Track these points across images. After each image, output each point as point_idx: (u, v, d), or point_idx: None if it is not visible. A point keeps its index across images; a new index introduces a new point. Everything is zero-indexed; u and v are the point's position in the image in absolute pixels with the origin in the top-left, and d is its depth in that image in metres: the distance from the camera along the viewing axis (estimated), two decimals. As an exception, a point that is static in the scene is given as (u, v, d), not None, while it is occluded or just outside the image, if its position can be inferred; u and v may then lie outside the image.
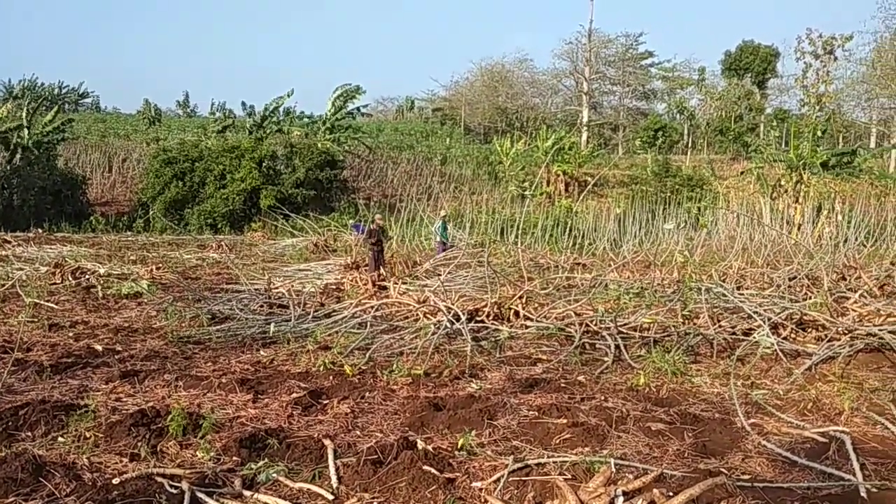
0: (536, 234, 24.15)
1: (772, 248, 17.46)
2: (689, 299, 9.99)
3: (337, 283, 13.48)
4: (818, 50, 31.62)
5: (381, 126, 46.29)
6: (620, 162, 41.08)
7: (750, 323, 9.04)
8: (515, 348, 8.80)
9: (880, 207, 24.13)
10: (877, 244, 20.21)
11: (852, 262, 15.04)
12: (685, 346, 8.33)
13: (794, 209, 26.15)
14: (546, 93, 55.40)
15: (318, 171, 30.06)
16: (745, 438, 5.51)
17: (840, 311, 9.51)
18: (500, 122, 52.55)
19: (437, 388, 6.85)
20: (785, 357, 7.94)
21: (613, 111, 53.66)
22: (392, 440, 5.16)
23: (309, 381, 7.05)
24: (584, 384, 7.12)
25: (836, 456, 5.11)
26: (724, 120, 42.72)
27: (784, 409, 6.30)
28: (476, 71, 55.49)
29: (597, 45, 48.19)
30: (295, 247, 21.39)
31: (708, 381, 7.29)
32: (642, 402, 6.50)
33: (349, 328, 9.46)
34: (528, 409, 6.13)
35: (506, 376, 7.37)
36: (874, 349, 8.39)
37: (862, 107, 39.75)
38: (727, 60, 49.09)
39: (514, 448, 5.18)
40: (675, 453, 5.17)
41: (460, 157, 38.50)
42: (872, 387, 7.01)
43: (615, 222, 25.82)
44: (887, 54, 33.51)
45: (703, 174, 35.01)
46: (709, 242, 21.34)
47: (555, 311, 10.16)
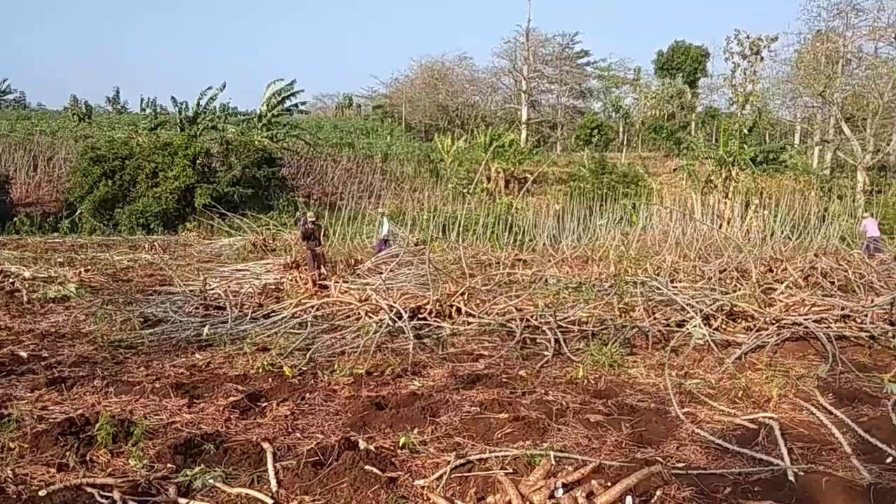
0: (478, 232, 24.30)
1: (703, 242, 18.07)
2: (626, 293, 10.23)
3: (276, 282, 13.23)
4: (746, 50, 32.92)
5: (320, 123, 45.64)
6: (559, 159, 41.74)
7: (683, 315, 9.31)
8: (458, 345, 8.83)
9: (804, 202, 25.27)
10: (801, 237, 21.17)
11: (779, 254, 15.73)
12: (622, 339, 8.52)
13: (723, 204, 27.14)
14: (486, 91, 55.80)
15: (256, 169, 29.46)
16: (679, 427, 5.67)
17: (767, 301, 9.91)
18: (441, 119, 52.63)
19: (380, 387, 6.81)
20: (716, 347, 8.23)
21: (552, 109, 54.48)
22: (333, 441, 5.10)
23: (247, 383, 6.90)
24: (526, 378, 7.20)
25: (765, 442, 5.32)
26: (658, 118, 43.94)
27: (716, 397, 6.52)
28: (416, 68, 55.50)
29: (534, 44, 48.80)
30: (232, 246, 20.91)
31: (644, 372, 7.48)
32: (581, 394, 6.62)
33: (289, 329, 9.31)
34: (471, 405, 6.16)
35: (448, 373, 7.39)
36: (800, 338, 8.78)
37: (787, 105, 41.51)
38: (660, 60, 50.48)
39: (457, 444, 5.20)
40: (613, 444, 5.28)
41: (401, 154, 38.38)
42: (798, 374, 7.32)
43: (554, 218, 26.22)
44: (809, 55, 35.08)
45: (638, 171, 35.93)
46: (644, 237, 21.91)
47: (496, 306, 10.25)
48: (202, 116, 32.55)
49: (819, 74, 33.98)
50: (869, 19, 33.38)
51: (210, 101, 32.80)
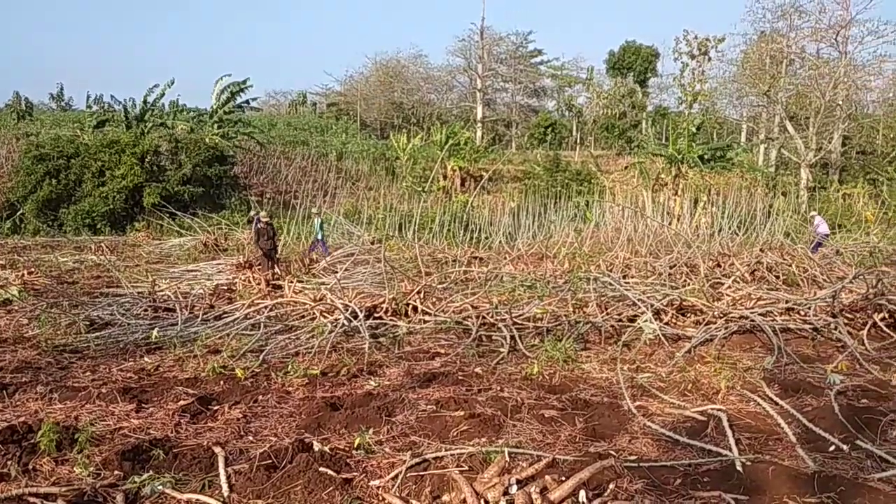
0: (434, 230, 24.30)
1: (654, 239, 18.40)
2: (579, 289, 10.36)
3: (228, 283, 12.98)
4: (694, 51, 33.69)
5: (273, 121, 44.90)
6: (514, 157, 41.99)
7: (635, 310, 9.48)
8: (414, 343, 8.81)
9: (750, 198, 25.96)
10: (748, 233, 21.75)
11: (726, 250, 16.14)
12: (576, 335, 8.63)
13: (673, 201, 27.72)
14: (441, 89, 55.76)
15: (207, 167, 28.86)
16: (631, 420, 5.77)
17: (716, 296, 10.17)
18: (396, 117, 52.42)
19: (335, 388, 6.75)
20: (667, 341, 8.40)
21: (506, 108, 54.76)
22: (287, 443, 5.03)
23: (198, 386, 6.76)
24: (482, 376, 7.23)
25: (714, 433, 5.45)
26: (610, 117, 44.62)
27: (667, 390, 6.66)
28: (371, 66, 55.10)
29: (489, 42, 48.96)
30: (182, 247, 20.44)
31: (597, 366, 7.58)
32: (536, 390, 6.67)
33: (241, 330, 9.15)
34: (427, 404, 6.15)
35: (404, 372, 7.37)
36: (747, 331, 9.03)
37: (733, 104, 42.59)
38: (611, 60, 51.23)
39: (413, 443, 5.18)
40: (567, 438, 5.34)
41: (357, 152, 38.04)
42: (745, 366, 7.52)
43: (510, 216, 26.39)
44: (755, 55, 36.08)
45: (591, 169, 36.41)
46: (597, 234, 22.22)
47: (452, 304, 10.26)
48: (150, 114, 31.69)
49: (764, 74, 34.98)
50: (811, 21, 34.53)
51: (158, 98, 31.98)
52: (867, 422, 5.56)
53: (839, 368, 7.18)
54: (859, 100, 37.30)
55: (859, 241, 20.28)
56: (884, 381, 6.87)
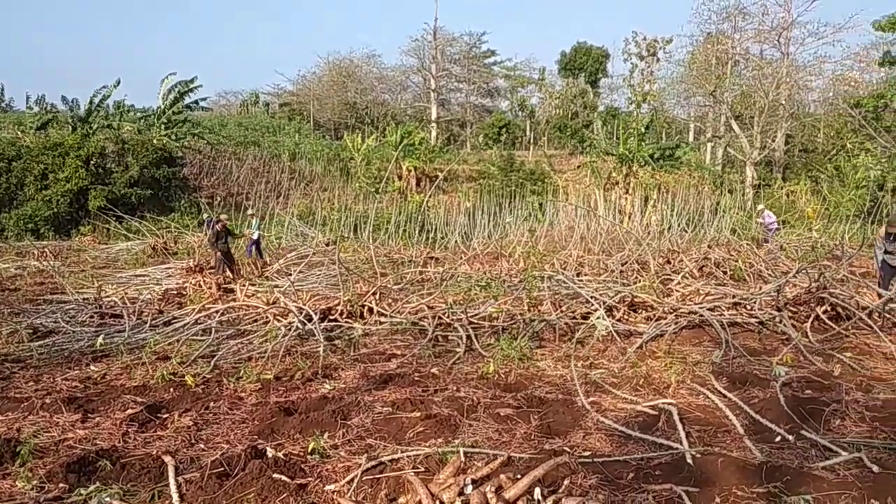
0: (390, 230, 24.22)
1: (606, 237, 18.71)
2: (534, 288, 10.46)
3: (178, 287, 12.69)
4: (643, 52, 34.33)
5: (223, 121, 44.04)
6: (469, 157, 42.14)
7: (588, 307, 9.61)
8: (370, 345, 8.76)
9: (698, 196, 26.64)
10: (696, 230, 22.31)
11: (675, 246, 16.51)
12: (531, 333, 8.71)
13: (624, 200, 28.22)
14: (395, 89, 55.58)
15: (155, 169, 28.17)
16: (585, 416, 5.84)
17: (666, 292, 10.38)
18: (350, 117, 52.01)
19: (289, 392, 6.65)
20: (619, 337, 8.53)
21: (461, 108, 54.91)
22: (240, 450, 4.93)
23: (146, 395, 6.58)
24: (438, 376, 7.22)
25: (665, 427, 5.55)
26: (562, 117, 45.18)
27: (619, 386, 6.76)
28: (324, 66, 54.56)
29: (442, 43, 49.04)
30: (130, 251, 19.91)
31: (552, 364, 7.66)
32: (492, 388, 6.70)
33: (192, 335, 8.94)
34: (383, 406, 6.11)
35: (360, 374, 7.31)
36: (696, 325, 9.24)
37: (681, 104, 43.61)
38: (563, 61, 51.95)
39: (369, 446, 5.15)
40: (523, 436, 5.38)
41: (310, 153, 37.59)
42: (695, 360, 7.70)
43: (465, 216, 26.48)
44: (701, 56, 37.00)
45: (545, 168, 36.80)
46: (551, 233, 22.48)
47: (408, 305, 10.24)
48: (95, 115, 30.77)
49: (710, 75, 35.91)
50: (755, 23, 35.57)
51: (104, 98, 31.06)
52: (811, 412, 5.75)
53: (784, 361, 7.41)
54: (801, 99, 38.59)
55: (802, 237, 20.99)
56: (826, 372, 7.11)
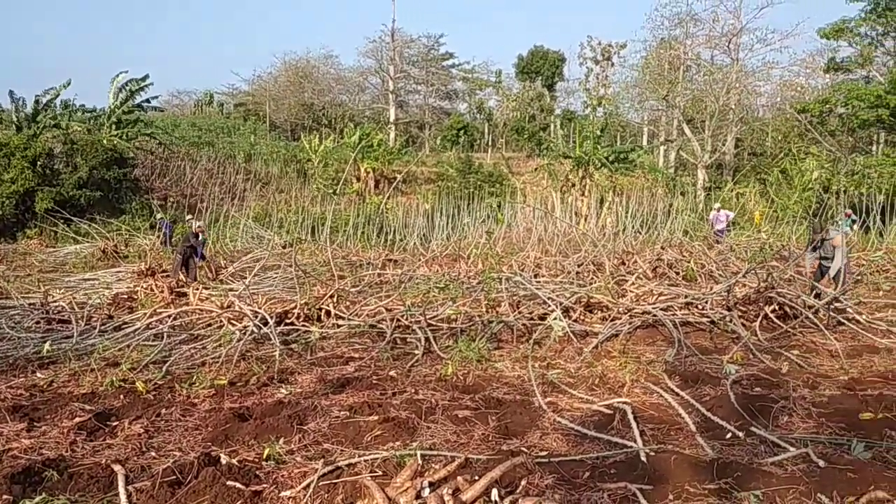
0: (348, 232, 24.05)
1: (563, 238, 18.91)
2: (492, 289, 10.50)
3: (129, 292, 12.36)
4: (598, 56, 34.85)
5: (176, 121, 43.11)
6: (427, 159, 42.18)
7: (545, 308, 9.70)
8: (327, 348, 8.67)
9: (652, 198, 27.14)
10: (650, 231, 22.71)
11: (630, 248, 16.79)
12: (489, 334, 8.74)
13: (581, 202, 28.60)
14: (353, 90, 55.27)
15: (105, 170, 27.42)
16: (542, 417, 5.89)
17: (620, 292, 10.54)
18: (307, 118, 51.52)
19: (244, 398, 6.54)
20: (576, 338, 8.63)
21: (419, 110, 54.94)
22: (192, 458, 4.82)
23: (95, 402, 6.38)
24: (396, 378, 7.19)
25: (620, 425, 5.63)
26: (520, 120, 45.57)
27: (576, 385, 6.84)
28: (280, 66, 53.97)
29: (400, 44, 48.98)
30: (79, 254, 19.33)
31: (510, 365, 7.70)
32: (451, 390, 6.70)
33: (143, 341, 8.71)
34: (340, 410, 6.06)
35: (317, 378, 7.23)
36: (649, 325, 9.41)
37: (635, 108, 44.44)
38: (520, 64, 52.41)
39: (325, 451, 5.09)
40: (481, 437, 5.39)
41: (266, 154, 37.11)
42: (649, 359, 7.82)
43: (424, 218, 26.47)
44: (654, 61, 37.78)
45: (503, 171, 37.06)
46: (509, 235, 22.63)
47: (367, 308, 10.18)
48: (43, 114, 29.80)
49: (663, 80, 36.69)
50: (706, 29, 36.51)
51: (53, 98, 30.11)
52: (760, 409, 5.90)
53: (734, 359, 7.60)
54: (750, 104, 39.67)
55: (751, 238, 21.57)
56: (775, 369, 7.31)
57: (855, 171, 27.14)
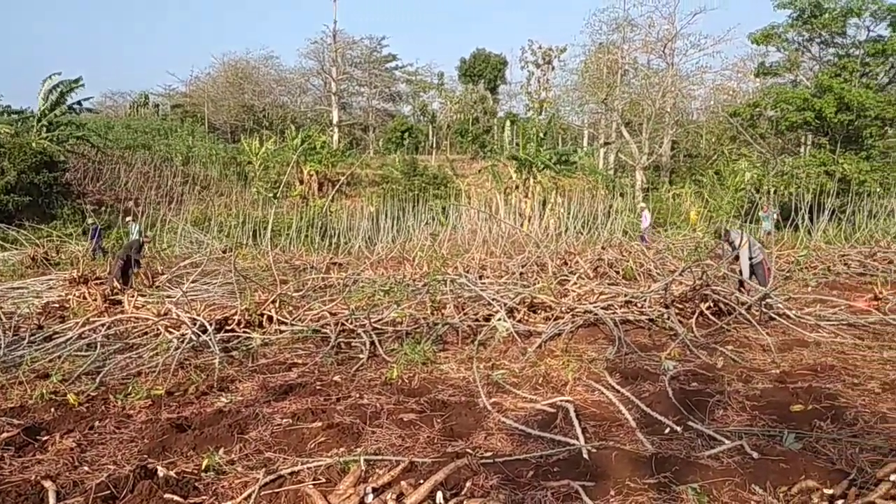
0: (291, 236, 23.71)
1: (507, 240, 19.12)
2: (437, 291, 10.52)
3: (61, 300, 11.89)
4: (539, 60, 35.42)
5: (110, 123, 41.66)
6: (372, 161, 41.99)
7: (490, 309, 9.77)
8: (269, 355, 8.51)
9: (592, 199, 27.68)
10: (591, 232, 23.18)
11: (572, 248, 17.08)
12: (434, 336, 8.74)
13: (524, 203, 28.95)
14: (295, 91, 54.58)
15: (34, 175, 26.33)
16: (487, 417, 5.92)
17: (563, 292, 10.71)
18: (247, 120, 50.57)
19: (182, 408, 6.35)
20: (520, 338, 8.72)
21: (363, 112, 54.63)
22: (128, 471, 4.66)
23: (24, 416, 6.09)
24: (341, 384, 7.11)
25: (563, 423, 5.70)
26: (464, 122, 45.84)
27: (520, 385, 6.90)
28: (219, 66, 52.83)
29: (342, 46, 48.61)
30: (6, 262, 18.46)
31: (455, 367, 7.71)
32: (396, 394, 6.67)
33: (75, 351, 8.37)
34: (283, 417, 5.95)
35: (259, 385, 7.08)
36: (591, 324, 9.58)
37: (575, 111, 45.32)
38: (463, 67, 52.73)
39: (267, 460, 4.99)
40: (426, 440, 5.38)
41: (205, 156, 36.25)
42: (590, 357, 7.95)
43: (369, 220, 26.34)
44: (593, 65, 38.58)
45: (447, 173, 37.20)
46: (454, 236, 22.73)
47: (310, 312, 10.03)
48: (-34, 116, 28.42)
49: (602, 83, 37.53)
50: (642, 34, 37.49)
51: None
52: (697, 403, 6.08)
53: (672, 355, 7.80)
54: (685, 107, 40.99)
55: (687, 237, 22.24)
56: (710, 364, 7.54)
57: (784, 171, 28.28)
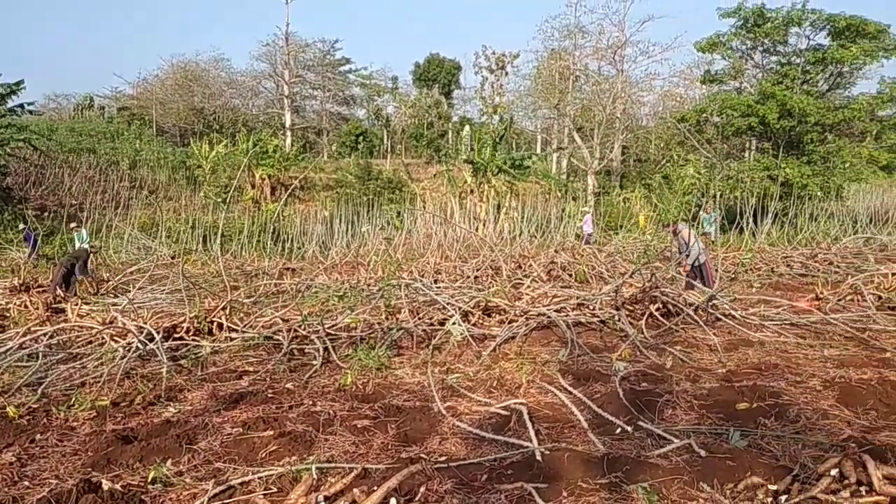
0: (242, 241, 23.31)
1: (462, 244, 19.18)
2: (392, 296, 10.47)
3: (0, 309, 11.43)
4: (492, 65, 35.69)
5: (53, 126, 40.26)
6: (326, 165, 41.62)
7: (445, 313, 9.78)
8: (219, 363, 8.34)
9: (546, 203, 28.03)
10: (544, 235, 23.43)
11: (525, 252, 17.23)
12: (389, 341, 8.70)
13: (479, 207, 29.10)
14: (246, 94, 53.66)
15: (-30, 179, 25.34)
16: (442, 422, 5.91)
17: (517, 295, 10.79)
18: (197, 123, 49.55)
19: (128, 419, 6.18)
20: (474, 341, 8.75)
21: (316, 115, 54.11)
22: (70, 485, 4.51)
23: (-42, 431, 5.84)
24: (293, 391, 7.02)
25: (516, 426, 5.74)
26: (418, 126, 45.85)
27: (474, 389, 6.92)
28: (167, 68, 51.62)
29: (294, 48, 48.06)
30: (-59, 270, 17.67)
31: (410, 371, 7.69)
32: (350, 400, 6.61)
33: (15, 362, 8.06)
34: (233, 426, 5.84)
35: (208, 394, 6.94)
36: (544, 327, 9.67)
37: (529, 116, 45.78)
38: (417, 71, 52.78)
39: (217, 470, 4.89)
40: (380, 447, 5.35)
41: (153, 160, 35.38)
42: (544, 360, 8.02)
43: (323, 225, 26.09)
44: (546, 71, 39.07)
45: (402, 177, 37.14)
46: (409, 241, 22.69)
47: (262, 319, 9.88)
48: None
49: (554, 89, 38.02)
50: (593, 41, 38.09)
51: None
52: (647, 403, 6.20)
53: (623, 356, 7.94)
54: (634, 113, 41.78)
55: (637, 240, 22.68)
56: (660, 365, 7.69)
57: (730, 175, 29.08)
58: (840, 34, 26.82)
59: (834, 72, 28.14)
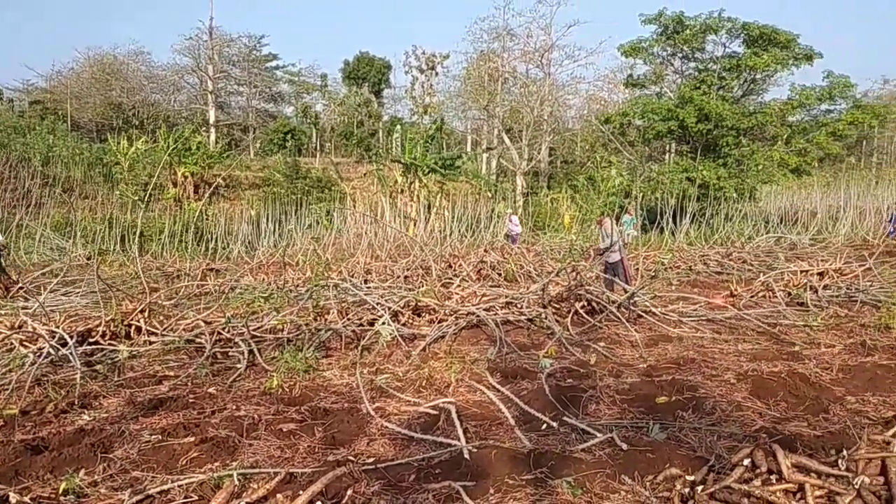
0: (163, 241, 22.51)
1: (393, 243, 19.12)
2: (320, 296, 10.33)
3: None
4: (423, 65, 35.71)
5: (-44, 119, 37.86)
6: (252, 163, 40.67)
7: (374, 313, 9.72)
8: (137, 368, 8.02)
9: (476, 203, 28.27)
10: (474, 235, 23.64)
11: (456, 251, 17.34)
12: (317, 343, 8.58)
13: (410, 207, 29.08)
14: (168, 89, 51.78)
15: None
16: (370, 423, 5.88)
17: (447, 295, 10.84)
18: (115, 118, 47.47)
19: (38, 428, 5.86)
20: (404, 341, 8.72)
21: (242, 112, 52.79)
22: (-28, 501, 4.24)
23: None
24: (216, 396, 6.82)
25: (445, 425, 5.76)
26: (348, 125, 45.40)
27: (404, 389, 6.90)
28: (83, 61, 49.27)
29: (219, 43, 46.76)
30: None
31: (338, 373, 7.60)
32: (275, 404, 6.48)
33: None
34: (152, 433, 5.62)
35: (125, 401, 6.66)
36: (474, 325, 9.74)
37: (459, 117, 46.08)
38: (347, 69, 52.22)
39: (135, 479, 4.70)
40: (306, 450, 5.27)
41: (67, 157, 33.63)
42: (473, 358, 8.07)
43: (249, 224, 25.48)
44: (475, 73, 39.40)
45: (332, 176, 36.69)
46: (339, 240, 22.45)
47: (183, 321, 9.55)
48: None
49: (483, 90, 38.40)
50: (521, 44, 38.69)
51: None
52: (572, 399, 6.33)
53: (549, 353, 8.09)
54: (561, 116, 42.73)
55: (563, 240, 23.18)
56: (584, 361, 7.87)
57: (651, 177, 30.09)
58: (754, 42, 28.19)
59: (748, 78, 29.54)
